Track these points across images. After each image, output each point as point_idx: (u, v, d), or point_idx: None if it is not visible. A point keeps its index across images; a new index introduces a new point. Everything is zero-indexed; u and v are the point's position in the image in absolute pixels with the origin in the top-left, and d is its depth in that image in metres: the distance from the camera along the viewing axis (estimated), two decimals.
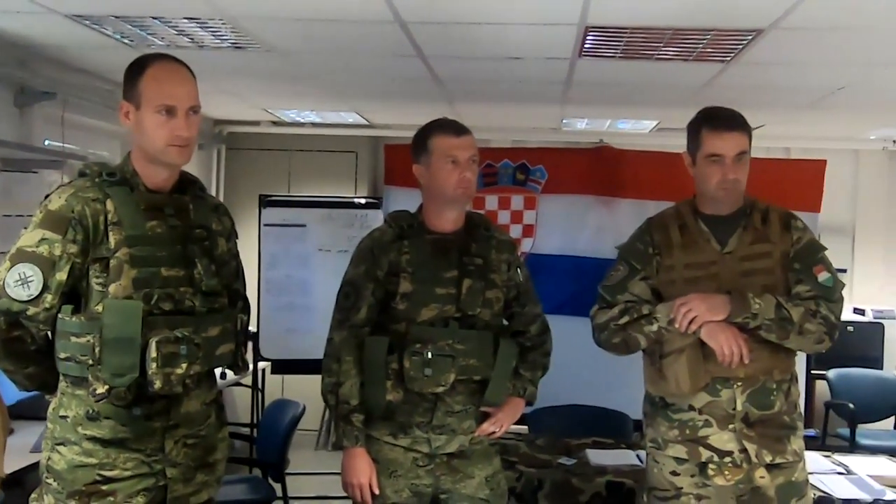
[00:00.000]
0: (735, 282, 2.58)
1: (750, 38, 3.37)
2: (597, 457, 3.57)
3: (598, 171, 5.21)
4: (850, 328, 6.27)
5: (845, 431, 5.69)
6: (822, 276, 2.59)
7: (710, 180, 2.60)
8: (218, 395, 2.33)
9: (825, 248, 2.67)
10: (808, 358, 5.44)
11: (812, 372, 5.77)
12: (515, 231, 5.24)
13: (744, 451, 2.55)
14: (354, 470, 2.59)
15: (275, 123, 6.58)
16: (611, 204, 5.18)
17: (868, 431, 5.84)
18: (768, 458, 2.55)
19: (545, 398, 4.15)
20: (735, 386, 2.56)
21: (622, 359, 2.80)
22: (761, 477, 2.55)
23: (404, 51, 3.79)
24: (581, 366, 4.11)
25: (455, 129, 2.65)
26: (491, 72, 4.25)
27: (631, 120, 5.87)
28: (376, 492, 2.59)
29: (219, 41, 3.75)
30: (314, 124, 6.54)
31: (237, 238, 2.41)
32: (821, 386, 6.17)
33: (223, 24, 3.45)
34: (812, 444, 4.66)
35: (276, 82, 4.84)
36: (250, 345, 5.63)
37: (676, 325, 2.54)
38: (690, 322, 2.52)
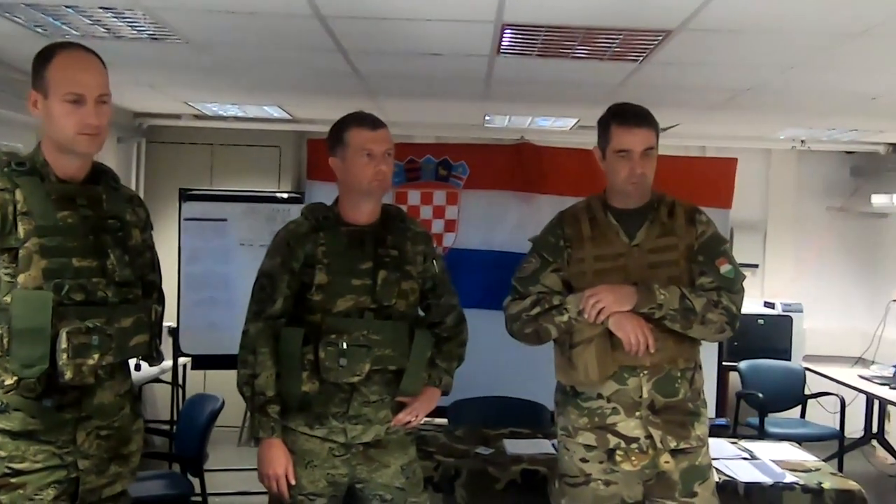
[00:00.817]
0: (642, 273, 2.67)
1: (660, 38, 3.48)
2: (513, 446, 3.64)
3: (519, 167, 5.30)
4: (760, 321, 6.52)
5: (755, 420, 5.90)
6: (724, 269, 2.70)
7: (619, 174, 2.69)
8: (132, 386, 2.32)
9: (727, 242, 2.79)
10: (721, 349, 5.65)
11: (724, 363, 5.97)
12: (438, 226, 5.31)
13: (649, 437, 2.64)
14: (270, 461, 2.60)
15: (197, 117, 6.50)
16: (531, 200, 5.28)
17: (776, 420, 6.08)
18: (673, 444, 2.65)
19: (466, 390, 4.23)
20: (641, 374, 2.65)
21: (543, 351, 2.86)
22: (666, 462, 2.65)
23: (324, 45, 3.80)
24: (502, 358, 4.18)
25: (371, 122, 2.69)
26: (411, 67, 4.29)
27: (552, 117, 5.97)
28: (292, 482, 2.61)
29: (136, 32, 3.70)
30: (237, 118, 6.49)
31: (153, 230, 2.39)
32: (733, 377, 6.38)
33: (140, 14, 3.41)
34: (724, 432, 4.85)
35: (197, 75, 4.79)
36: (170, 340, 5.60)
37: (585, 316, 2.62)
38: (599, 312, 2.60)
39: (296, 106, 5.94)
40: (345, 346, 2.57)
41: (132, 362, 2.31)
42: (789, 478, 3.34)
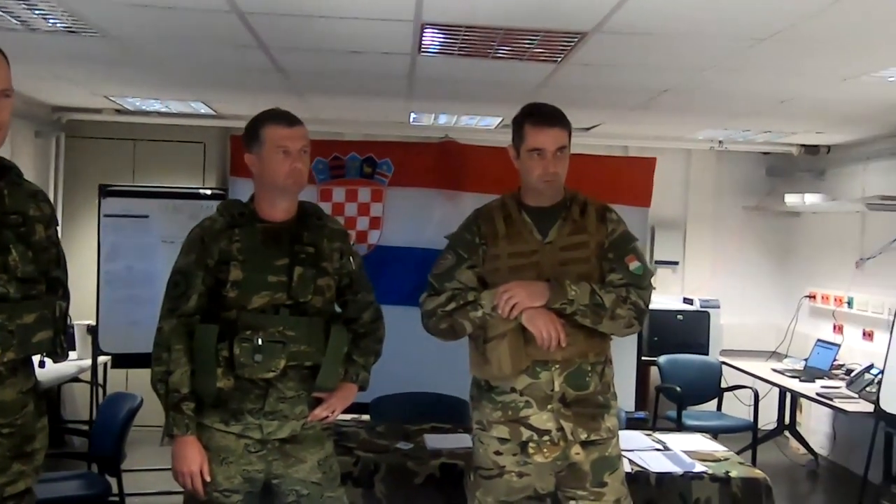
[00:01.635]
0: (554, 270, 2.73)
1: (576, 40, 3.56)
2: (433, 441, 3.68)
3: (443, 165, 5.33)
4: (679, 317, 6.70)
5: (674, 413, 6.05)
6: (633, 265, 2.78)
7: (533, 173, 2.75)
8: (36, 383, 2.28)
9: (637, 239, 2.87)
10: (640, 344, 5.78)
11: (644, 358, 6.11)
12: (362, 223, 5.30)
13: (561, 429, 2.70)
14: (185, 458, 2.59)
15: (118, 111, 6.38)
16: (455, 197, 5.31)
17: (694, 413, 6.25)
18: (583, 436, 2.72)
19: (389, 386, 4.27)
20: (553, 368, 2.71)
21: (468, 347, 2.91)
22: (577, 453, 2.72)
23: (245, 41, 3.79)
24: (428, 354, 4.20)
25: (287, 119, 2.69)
26: (334, 65, 4.30)
27: (477, 116, 6.03)
28: (207, 479, 2.60)
29: (51, 25, 3.63)
30: (160, 113, 6.40)
31: (58, 225, 2.36)
32: (654, 371, 6.54)
33: (54, 7, 3.35)
34: (643, 425, 4.97)
35: (116, 69, 4.72)
36: (89, 339, 5.51)
37: (499, 311, 2.66)
38: (512, 308, 2.65)
39: (220, 102, 5.89)
40: (260, 342, 2.58)
41: (36, 360, 2.27)
42: (699, 467, 3.45)
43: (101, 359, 5.62)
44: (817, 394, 5.43)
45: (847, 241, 6.47)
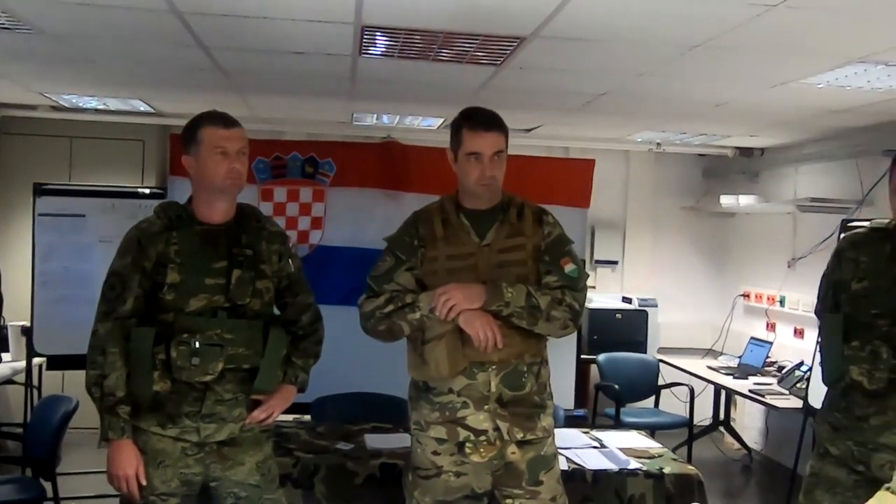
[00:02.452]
0: (491, 272, 2.77)
1: (515, 44, 3.61)
2: (374, 441, 3.70)
3: (385, 165, 5.34)
4: (618, 315, 6.81)
5: (612, 411, 6.16)
6: (569, 268, 2.82)
7: (470, 177, 2.78)
8: None
9: (572, 242, 2.91)
10: (580, 343, 5.87)
11: (584, 357, 6.21)
12: (304, 223, 5.29)
13: (497, 429, 2.74)
14: (120, 462, 2.58)
15: (54, 108, 6.27)
16: (398, 198, 5.32)
17: (632, 410, 6.37)
18: (519, 435, 2.76)
19: (331, 386, 4.27)
20: (490, 369, 2.74)
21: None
22: (512, 453, 2.76)
23: (183, 40, 3.77)
24: (370, 354, 4.20)
25: (224, 121, 2.68)
26: (275, 65, 4.29)
27: (419, 117, 6.06)
28: (143, 483, 2.59)
29: None
30: (98, 110, 6.29)
31: None
32: (594, 369, 6.64)
33: None
34: (582, 423, 5.06)
35: (52, 66, 4.64)
36: (23, 340, 5.40)
37: (437, 313, 2.69)
38: (449, 310, 2.68)
39: (160, 100, 5.82)
40: (197, 345, 2.58)
41: None
42: (633, 464, 3.52)
43: (36, 360, 5.51)
44: (750, 390, 5.58)
45: (779, 241, 6.65)
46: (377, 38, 3.62)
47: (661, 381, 6.64)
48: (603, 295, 7.27)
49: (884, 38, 3.28)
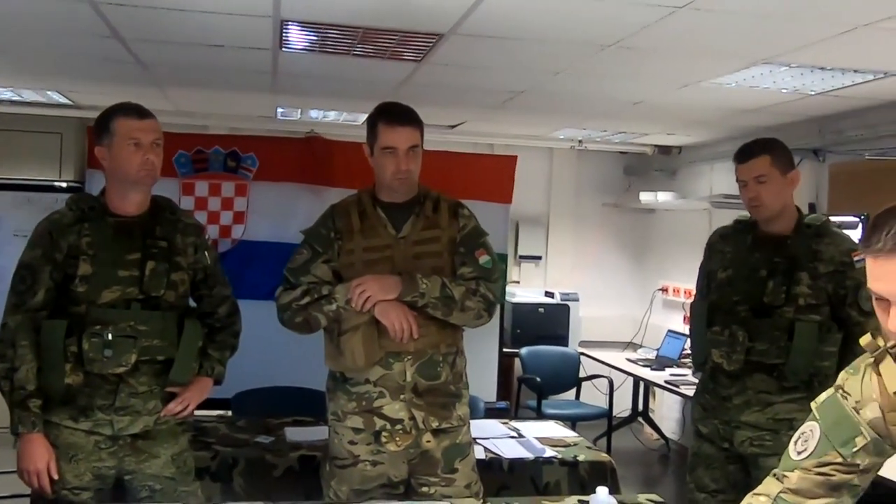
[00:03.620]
0: (407, 264, 2.81)
1: (434, 41, 3.66)
2: (294, 434, 3.72)
3: (309, 160, 5.34)
4: (541, 309, 6.93)
5: (534, 403, 6.27)
6: (483, 259, 2.89)
7: (386, 170, 2.82)
8: None
9: (487, 234, 2.98)
10: (502, 337, 5.96)
11: (508, 350, 6.30)
12: (226, 218, 5.25)
13: (413, 418, 2.79)
14: (31, 456, 2.56)
15: None
16: (321, 192, 5.32)
17: (554, 402, 6.50)
18: (435, 424, 2.82)
19: (254, 381, 4.26)
20: (406, 359, 2.79)
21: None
22: (428, 441, 2.81)
23: (99, 31, 3.71)
24: (292, 349, 4.21)
25: (138, 112, 2.68)
26: (194, 58, 4.26)
27: (343, 112, 6.07)
28: (55, 477, 2.57)
29: None
30: (13, 102, 6.14)
31: None
32: (518, 362, 6.75)
33: None
34: (504, 415, 5.14)
35: None
36: None
37: (353, 305, 2.73)
38: (365, 301, 2.72)
39: (77, 92, 5.71)
40: (110, 336, 2.57)
41: None
42: (549, 452, 3.61)
43: None
44: (666, 381, 5.74)
45: (696, 236, 6.79)
46: (297, 32, 3.63)
47: (582, 374, 6.79)
48: (526, 289, 7.39)
49: (785, 40, 3.43)
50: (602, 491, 2.38)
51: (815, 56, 3.64)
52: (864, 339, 1.66)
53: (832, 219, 3.06)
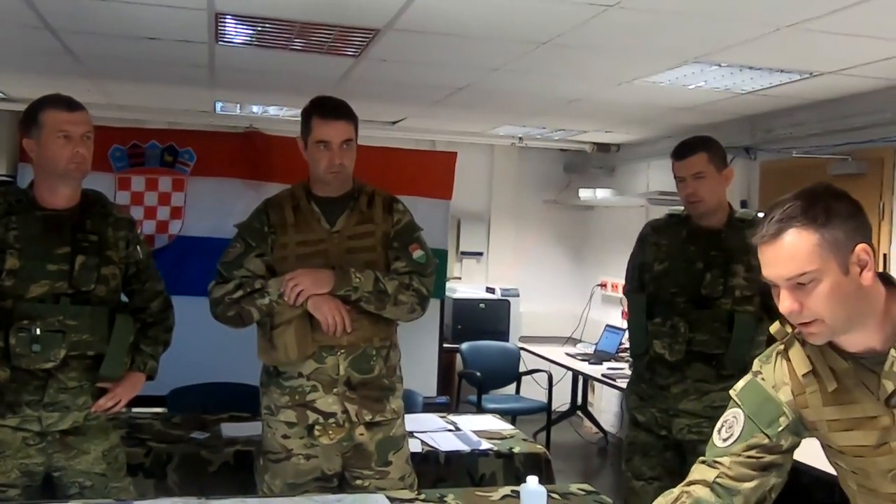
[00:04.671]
0: (341, 258, 2.83)
1: (371, 36, 3.67)
2: (229, 430, 3.70)
3: (248, 155, 5.29)
4: (482, 305, 6.99)
5: (475, 397, 6.32)
6: (417, 254, 2.92)
7: (320, 164, 2.84)
8: None
9: (421, 229, 3.00)
10: (442, 332, 5.99)
11: (449, 345, 6.34)
12: (163, 213, 5.19)
13: (346, 411, 2.81)
14: None
15: None
16: (259, 188, 5.27)
17: (494, 396, 6.56)
18: (368, 417, 2.84)
19: (188, 376, 4.23)
20: (339, 353, 2.81)
21: None
22: (361, 434, 2.83)
23: (29, 22, 3.65)
24: (229, 345, 4.19)
25: (67, 104, 2.64)
26: (129, 51, 4.21)
27: (283, 106, 6.05)
28: None
29: None
30: None
31: None
32: (460, 358, 6.79)
33: None
34: (445, 410, 5.17)
35: None
36: None
37: (286, 299, 2.74)
38: (298, 295, 2.73)
39: (8, 84, 5.59)
40: (38, 331, 2.54)
41: None
42: (485, 445, 3.65)
43: None
44: (603, 375, 5.84)
45: (634, 233, 6.75)
46: (233, 25, 3.61)
47: (522, 369, 6.86)
48: (467, 285, 7.44)
49: (713, 40, 3.51)
50: (532, 480, 2.42)
51: (744, 56, 3.74)
52: (774, 327, 1.76)
53: (761, 215, 3.16)
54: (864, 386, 1.63)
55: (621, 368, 6.00)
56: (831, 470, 1.86)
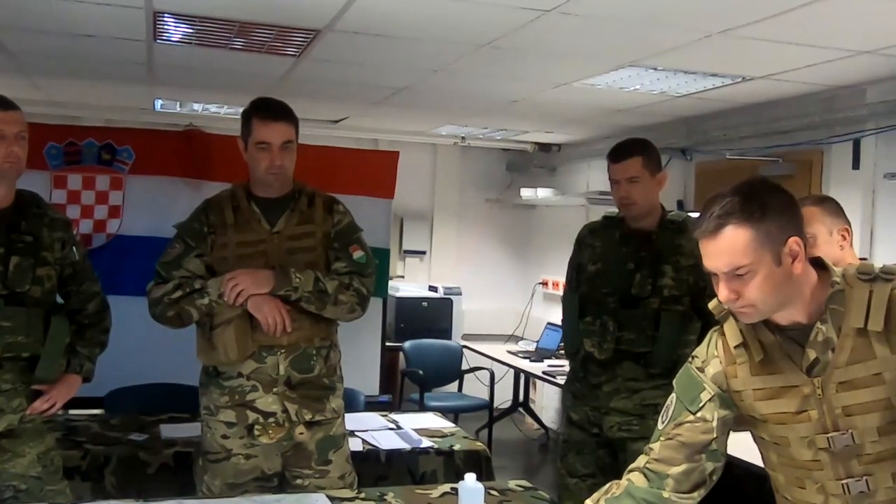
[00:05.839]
0: (282, 259, 2.84)
1: (311, 36, 3.68)
2: (168, 431, 3.68)
3: (188, 153, 5.23)
4: (424, 304, 7.02)
5: (418, 396, 6.35)
6: (357, 255, 2.94)
7: (260, 165, 2.84)
8: None
9: (361, 230, 3.03)
10: (384, 331, 6.01)
11: (392, 344, 6.36)
12: (101, 212, 5.11)
13: (286, 411, 2.82)
14: None
15: None
16: (200, 187, 5.23)
17: (437, 394, 6.60)
18: (308, 416, 2.85)
19: (128, 378, 4.18)
20: (279, 353, 2.82)
21: None
22: (301, 433, 2.85)
23: None
24: (170, 346, 4.15)
25: (0, 103, 2.60)
26: (66, 48, 4.15)
27: (224, 105, 6.00)
28: None
29: None
30: None
31: None
32: (402, 356, 6.82)
33: None
34: (388, 408, 5.20)
35: None
36: None
37: (225, 299, 2.74)
38: (238, 295, 2.74)
39: None
40: None
41: None
42: (426, 443, 3.68)
43: None
44: (543, 372, 5.91)
45: (574, 232, 6.89)
46: (171, 24, 3.59)
47: (464, 366, 6.91)
48: (410, 284, 7.47)
49: (648, 44, 3.60)
50: (470, 477, 2.47)
51: (678, 60, 3.84)
52: (712, 304, 1.88)
53: (693, 215, 3.24)
54: (789, 357, 1.76)
55: (562, 365, 6.07)
56: (762, 464, 1.94)
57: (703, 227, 1.70)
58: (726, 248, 1.67)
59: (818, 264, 1.78)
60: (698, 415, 1.84)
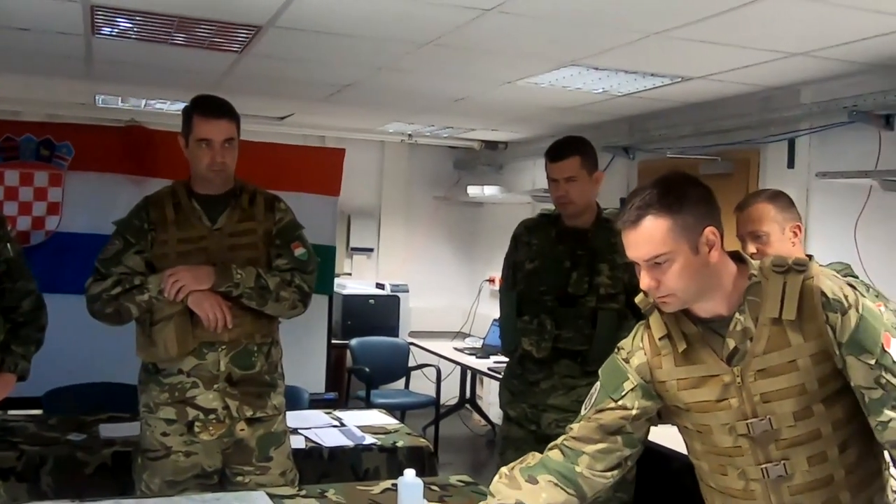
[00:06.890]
0: (223, 255, 2.83)
1: (253, 32, 3.66)
2: (107, 430, 3.63)
3: (130, 150, 5.17)
4: (371, 301, 7.02)
5: (364, 393, 6.35)
6: (298, 252, 2.95)
7: (201, 162, 2.83)
8: None
9: (303, 228, 3.03)
10: (330, 328, 6.00)
11: (338, 342, 6.35)
12: (39, 208, 5.03)
13: (227, 407, 2.81)
14: None
15: None
16: (142, 183, 5.17)
17: (384, 392, 6.61)
18: (249, 413, 2.85)
19: (66, 377, 4.12)
20: (220, 349, 2.81)
21: None
22: (242, 430, 2.84)
23: None
24: (107, 343, 4.10)
25: None
26: (2, 41, 4.06)
27: (167, 101, 5.93)
28: None
29: None
30: None
31: None
32: (349, 353, 6.81)
33: None
34: (334, 405, 5.19)
35: None
36: None
37: (166, 294, 2.73)
38: (178, 291, 2.72)
39: None
40: None
41: None
42: (369, 440, 3.69)
43: None
44: (489, 368, 5.96)
45: None
46: (110, 18, 3.54)
47: (411, 363, 6.93)
48: (357, 281, 7.46)
49: (588, 44, 3.65)
50: (409, 473, 2.48)
51: (617, 60, 3.90)
52: (638, 298, 1.95)
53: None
54: (710, 348, 1.83)
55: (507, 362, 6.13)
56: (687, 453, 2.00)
57: (624, 218, 1.77)
58: (646, 237, 1.74)
59: (737, 258, 1.85)
60: (619, 402, 1.92)
